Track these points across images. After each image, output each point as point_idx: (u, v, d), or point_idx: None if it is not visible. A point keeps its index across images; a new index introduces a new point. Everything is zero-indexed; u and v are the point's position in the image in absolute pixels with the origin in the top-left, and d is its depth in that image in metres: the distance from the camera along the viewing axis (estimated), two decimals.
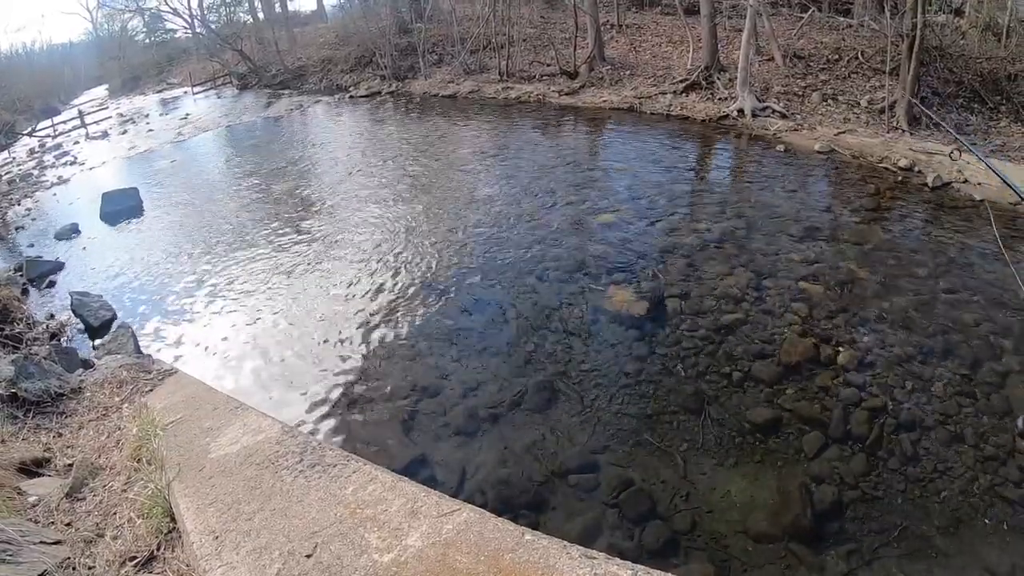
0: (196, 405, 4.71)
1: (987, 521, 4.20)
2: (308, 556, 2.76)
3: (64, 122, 28.45)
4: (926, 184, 10.13)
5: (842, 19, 18.81)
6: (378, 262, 8.87)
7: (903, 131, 12.36)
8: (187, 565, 3.06)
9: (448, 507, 2.99)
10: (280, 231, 10.77)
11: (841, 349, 5.98)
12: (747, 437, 5.06)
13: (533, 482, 4.73)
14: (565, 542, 2.71)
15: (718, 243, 8.38)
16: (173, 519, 3.42)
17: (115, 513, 3.69)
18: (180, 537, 3.30)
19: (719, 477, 4.68)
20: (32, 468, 4.38)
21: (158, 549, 3.32)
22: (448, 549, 2.70)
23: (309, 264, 9.15)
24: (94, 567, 3.24)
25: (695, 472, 4.74)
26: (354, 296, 7.97)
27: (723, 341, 6.29)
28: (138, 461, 4.10)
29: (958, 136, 7.42)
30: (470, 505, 3.09)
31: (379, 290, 8.05)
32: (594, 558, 2.59)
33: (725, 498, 4.50)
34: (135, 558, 3.26)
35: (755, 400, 5.46)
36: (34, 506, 3.84)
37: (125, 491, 3.86)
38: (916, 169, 10.73)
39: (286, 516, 3.07)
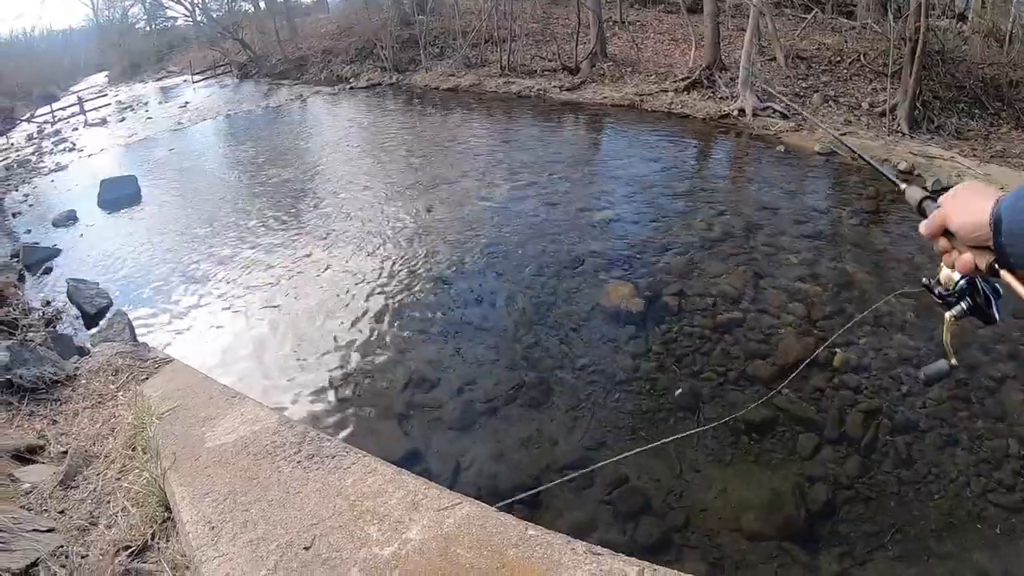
0: (192, 394, 4.68)
1: (979, 525, 4.21)
2: (306, 548, 2.74)
3: (63, 108, 28.37)
4: (926, 188, 10.11)
5: (845, 21, 18.80)
6: (376, 254, 8.86)
7: (904, 134, 12.38)
8: (182, 555, 3.04)
9: (449, 500, 2.98)
10: (278, 222, 10.75)
11: (838, 351, 5.99)
12: (742, 436, 5.07)
13: (527, 477, 4.74)
14: (569, 537, 2.71)
15: (716, 242, 8.38)
16: (168, 509, 3.40)
17: (109, 502, 3.67)
18: (175, 527, 3.28)
19: (713, 475, 4.69)
20: (26, 455, 4.35)
21: (152, 539, 3.30)
22: (450, 543, 2.69)
23: (306, 255, 9.14)
24: (87, 556, 3.23)
25: (689, 470, 4.75)
26: (351, 288, 7.97)
27: (720, 340, 6.29)
28: (133, 449, 4.08)
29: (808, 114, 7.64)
30: (471, 499, 3.08)
31: (377, 282, 8.04)
32: (599, 554, 2.58)
33: (719, 496, 4.51)
34: (129, 547, 3.24)
35: (751, 399, 5.46)
36: (27, 493, 3.82)
37: (119, 480, 3.84)
38: (916, 172, 10.75)
39: (284, 507, 3.06)
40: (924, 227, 1.14)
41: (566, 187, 10.95)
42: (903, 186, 1.35)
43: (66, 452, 4.34)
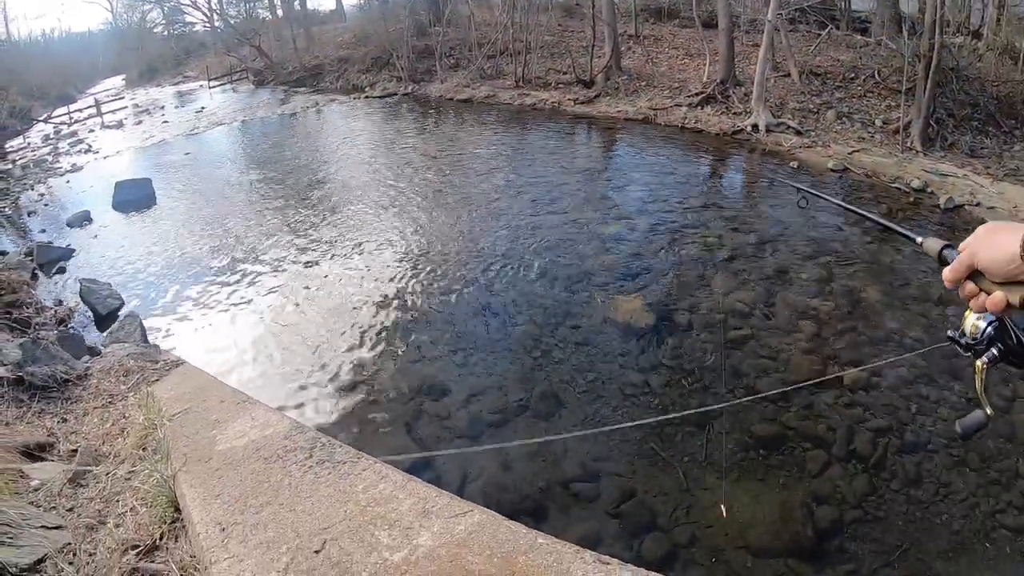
0: (203, 397, 4.70)
1: (988, 546, 4.19)
2: (317, 552, 2.75)
3: (80, 110, 28.60)
4: (938, 205, 10.14)
5: (860, 37, 18.80)
6: (388, 264, 8.91)
7: (917, 151, 12.36)
8: (191, 556, 3.06)
9: (460, 508, 2.98)
10: (293, 229, 10.81)
11: (848, 369, 5.98)
12: (750, 453, 5.06)
13: (535, 488, 4.75)
14: (578, 547, 2.72)
15: (728, 258, 8.39)
16: (177, 509, 3.41)
17: (118, 501, 3.68)
18: (184, 528, 3.30)
19: (721, 491, 4.68)
20: (35, 452, 4.36)
21: (161, 539, 3.32)
22: (460, 549, 2.70)
23: (320, 263, 9.18)
24: (95, 553, 3.24)
25: (697, 486, 4.74)
26: (363, 296, 8.01)
27: (730, 356, 6.29)
28: (143, 450, 4.10)
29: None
30: (481, 507, 3.09)
31: (388, 291, 8.08)
32: (608, 563, 2.59)
33: (727, 512, 4.50)
34: (137, 547, 3.25)
35: (760, 416, 5.45)
36: (36, 490, 3.83)
37: (129, 479, 3.85)
38: (929, 190, 10.73)
39: (294, 511, 3.07)
40: (949, 272, 1.11)
41: (578, 200, 10.97)
42: (920, 240, 1.29)
43: (75, 451, 4.36)
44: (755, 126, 14.57)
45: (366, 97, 24.96)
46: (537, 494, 4.68)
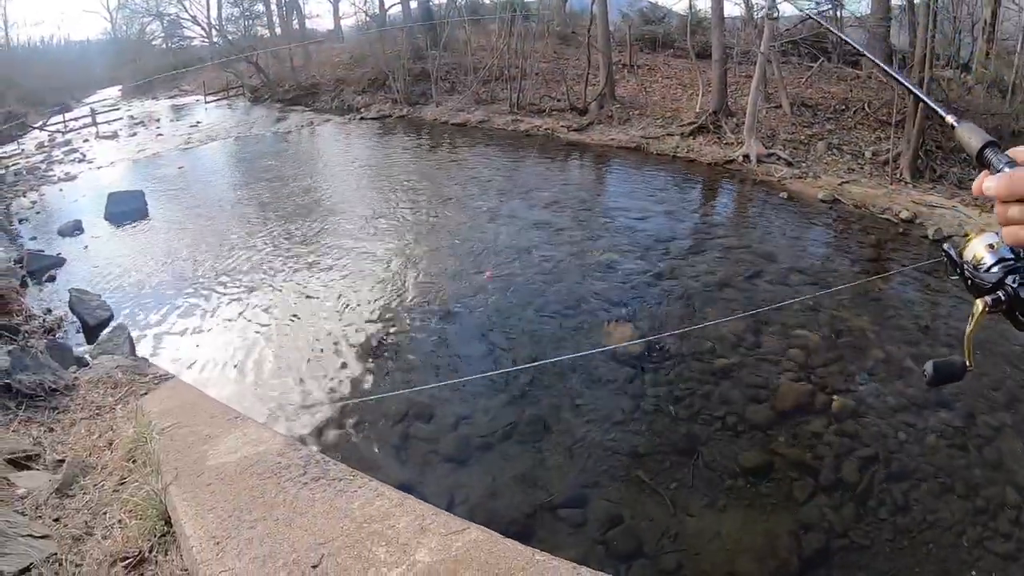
0: (193, 412, 4.69)
1: (975, 573, 4.22)
2: (314, 567, 2.75)
3: (75, 119, 28.48)
4: (927, 236, 10.27)
5: (851, 70, 19.11)
6: (380, 285, 8.91)
7: (906, 183, 12.54)
8: (184, 570, 3.05)
9: (457, 526, 3.00)
10: (284, 247, 10.80)
11: (835, 397, 6.03)
12: (738, 480, 5.08)
13: (522, 513, 4.74)
14: (575, 564, 2.73)
15: (717, 286, 8.45)
16: (168, 523, 3.39)
17: (106, 513, 3.66)
18: (175, 541, 3.28)
19: (708, 519, 4.69)
20: (21, 460, 4.33)
21: (151, 551, 3.29)
22: (458, 566, 2.72)
23: (311, 282, 9.18)
24: (82, 565, 3.21)
25: (684, 513, 4.75)
26: (352, 317, 8.00)
27: (718, 384, 6.33)
28: (132, 462, 4.08)
29: None
30: (478, 525, 3.10)
31: (379, 312, 8.08)
32: None
33: (713, 540, 4.51)
34: (126, 558, 3.23)
35: (748, 444, 5.48)
36: (23, 498, 3.81)
37: (117, 492, 3.83)
38: (918, 221, 10.88)
39: (290, 526, 3.07)
40: (1001, 184, 0.86)
41: (569, 228, 11.04)
42: (953, 123, 1.01)
43: (62, 461, 4.33)
44: (747, 156, 14.75)
45: (361, 118, 25.05)
46: (524, 519, 4.68)
